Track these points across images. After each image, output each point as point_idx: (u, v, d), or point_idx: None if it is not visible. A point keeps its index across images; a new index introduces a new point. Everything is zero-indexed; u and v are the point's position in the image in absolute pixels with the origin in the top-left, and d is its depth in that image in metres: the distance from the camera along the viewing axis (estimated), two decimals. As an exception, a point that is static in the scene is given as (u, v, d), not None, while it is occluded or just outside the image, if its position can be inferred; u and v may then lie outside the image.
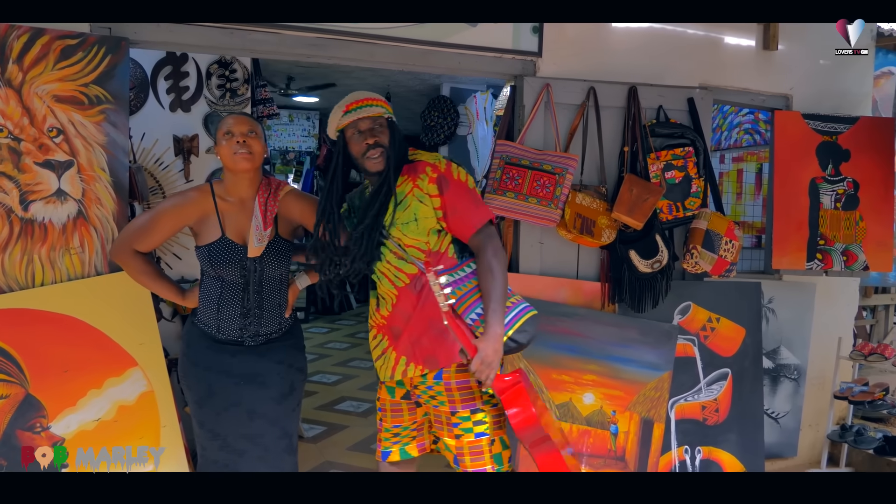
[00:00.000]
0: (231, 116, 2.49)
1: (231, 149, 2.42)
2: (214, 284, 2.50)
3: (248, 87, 4.41)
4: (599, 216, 3.35)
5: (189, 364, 2.54)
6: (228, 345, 2.51)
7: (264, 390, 2.51)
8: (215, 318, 2.50)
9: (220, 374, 2.49)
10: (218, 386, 2.49)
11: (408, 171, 2.45)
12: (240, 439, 2.50)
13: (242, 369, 2.50)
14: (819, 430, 4.31)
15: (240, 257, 2.46)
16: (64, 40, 2.71)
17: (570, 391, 3.33)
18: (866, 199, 4.00)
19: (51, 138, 2.70)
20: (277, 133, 9.90)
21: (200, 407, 2.53)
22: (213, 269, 2.46)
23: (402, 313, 2.40)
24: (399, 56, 3.33)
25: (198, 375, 2.51)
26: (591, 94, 3.48)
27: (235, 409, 2.49)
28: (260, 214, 2.47)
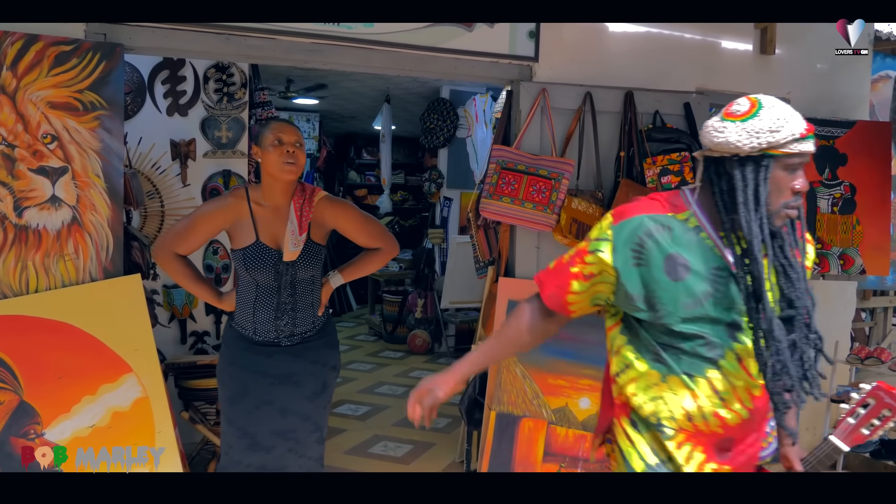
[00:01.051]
0: (280, 123, 2.54)
1: (280, 158, 2.46)
2: (250, 288, 2.55)
3: (246, 91, 4.41)
4: (595, 221, 3.34)
5: (226, 364, 2.58)
6: (265, 346, 2.56)
7: (298, 389, 2.58)
8: (251, 320, 2.55)
9: (255, 374, 2.54)
10: (252, 385, 2.53)
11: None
12: (269, 436, 2.55)
13: (278, 370, 2.55)
14: (816, 433, 4.30)
15: (273, 261, 2.50)
16: (58, 46, 2.71)
17: (567, 396, 3.33)
18: (863, 203, 4.00)
19: (45, 145, 2.70)
20: (277, 135, 9.89)
21: (232, 405, 2.56)
22: (248, 273, 2.51)
23: (753, 422, 1.69)
24: (396, 61, 3.33)
25: (233, 375, 2.56)
26: (588, 99, 3.48)
27: (268, 408, 2.54)
28: (296, 220, 2.52)
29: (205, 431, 3.91)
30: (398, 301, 7.81)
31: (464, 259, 6.11)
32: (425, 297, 7.57)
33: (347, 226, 2.67)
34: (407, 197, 10.80)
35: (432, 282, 7.66)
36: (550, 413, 3.32)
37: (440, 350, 7.38)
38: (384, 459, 4.35)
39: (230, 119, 4.36)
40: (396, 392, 5.84)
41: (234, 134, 4.38)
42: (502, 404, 3.29)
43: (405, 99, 8.28)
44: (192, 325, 4.34)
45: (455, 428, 4.87)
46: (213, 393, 3.87)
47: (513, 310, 2.16)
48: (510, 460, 3.28)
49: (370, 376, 6.34)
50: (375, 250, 2.74)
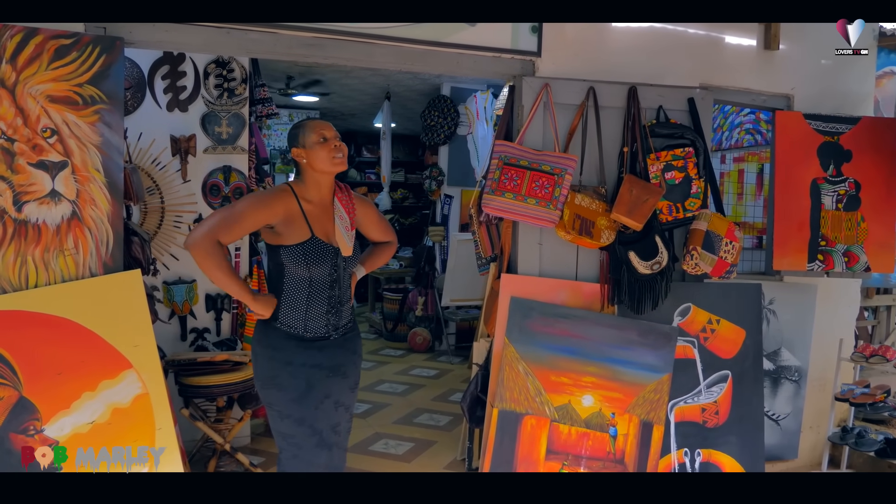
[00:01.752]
0: (317, 121, 2.60)
1: (330, 153, 2.54)
2: (301, 285, 2.55)
3: (246, 86, 4.39)
4: (599, 217, 3.32)
5: (282, 364, 2.54)
6: (315, 341, 2.58)
7: (345, 380, 2.67)
8: (303, 318, 2.56)
9: (313, 369, 2.56)
10: (314, 380, 2.56)
11: None
12: (330, 432, 2.59)
13: (329, 362, 2.60)
14: (820, 432, 4.28)
15: (330, 256, 2.56)
16: (58, 40, 2.68)
17: (570, 393, 3.31)
18: (868, 200, 3.97)
19: (44, 139, 2.68)
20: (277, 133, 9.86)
21: (299, 403, 2.54)
22: (307, 269, 2.52)
23: None
24: (398, 56, 3.31)
25: (293, 373, 2.54)
26: (591, 94, 3.45)
27: (327, 401, 2.59)
28: (346, 216, 2.63)
29: (205, 429, 3.89)
30: (398, 299, 7.79)
31: (464, 257, 6.09)
32: (426, 295, 7.55)
33: (369, 221, 2.83)
34: (407, 195, 10.78)
35: (433, 280, 7.64)
36: (553, 410, 3.30)
37: (441, 348, 7.36)
38: (385, 457, 4.33)
39: (230, 115, 4.33)
40: (397, 390, 5.82)
41: (235, 130, 4.36)
42: (504, 402, 3.26)
43: (405, 96, 8.25)
44: (193, 321, 4.32)
45: (456, 426, 4.85)
46: (213, 390, 3.85)
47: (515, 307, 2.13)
48: (512, 458, 3.26)
49: (371, 374, 6.32)
50: (386, 243, 2.95)
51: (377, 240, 2.94)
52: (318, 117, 2.98)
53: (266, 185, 4.76)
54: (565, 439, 3.31)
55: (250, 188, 4.44)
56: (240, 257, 4.43)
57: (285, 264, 2.54)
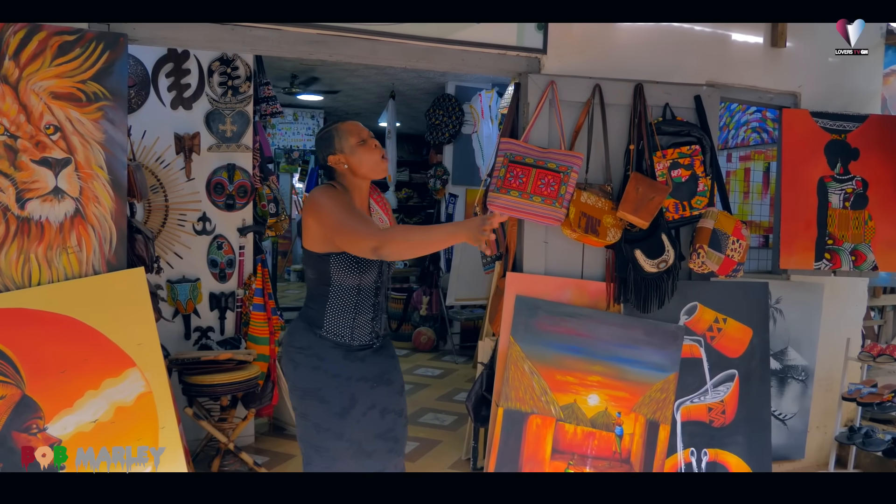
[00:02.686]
0: (350, 123, 2.48)
1: (375, 155, 2.44)
2: (348, 293, 2.43)
3: (251, 84, 4.38)
4: (605, 215, 3.30)
5: (328, 377, 2.42)
6: (360, 350, 2.48)
7: (391, 387, 2.56)
8: (350, 325, 2.45)
9: (359, 382, 2.46)
10: (359, 394, 2.46)
11: None
12: (373, 440, 2.50)
13: (373, 372, 2.50)
14: (827, 431, 4.26)
15: (377, 262, 2.44)
16: (61, 36, 2.67)
17: (575, 392, 3.29)
18: (875, 199, 3.94)
19: (48, 136, 2.67)
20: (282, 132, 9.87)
21: (342, 418, 2.42)
22: (359, 277, 2.41)
23: None
24: (402, 53, 3.29)
25: (340, 387, 2.43)
26: (597, 92, 3.43)
27: (372, 412, 2.49)
28: (385, 217, 2.57)
29: (209, 428, 3.89)
30: (403, 298, 7.78)
31: (469, 256, 6.08)
32: (430, 295, 7.54)
33: (390, 219, 2.71)
34: (412, 194, 10.77)
35: (437, 279, 7.62)
36: (559, 410, 3.28)
37: (445, 348, 7.35)
38: (389, 456, 4.31)
39: (235, 113, 4.32)
40: (401, 389, 5.81)
41: (239, 128, 4.35)
42: (510, 401, 3.24)
43: (410, 95, 8.25)
44: (197, 320, 4.31)
45: (461, 425, 4.83)
46: (217, 389, 3.85)
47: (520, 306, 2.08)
48: (518, 458, 3.24)
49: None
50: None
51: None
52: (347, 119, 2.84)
53: (270, 184, 4.75)
54: (571, 439, 3.28)
55: (254, 187, 4.43)
56: (244, 256, 4.42)
57: (333, 273, 2.40)
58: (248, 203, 4.40)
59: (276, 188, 4.90)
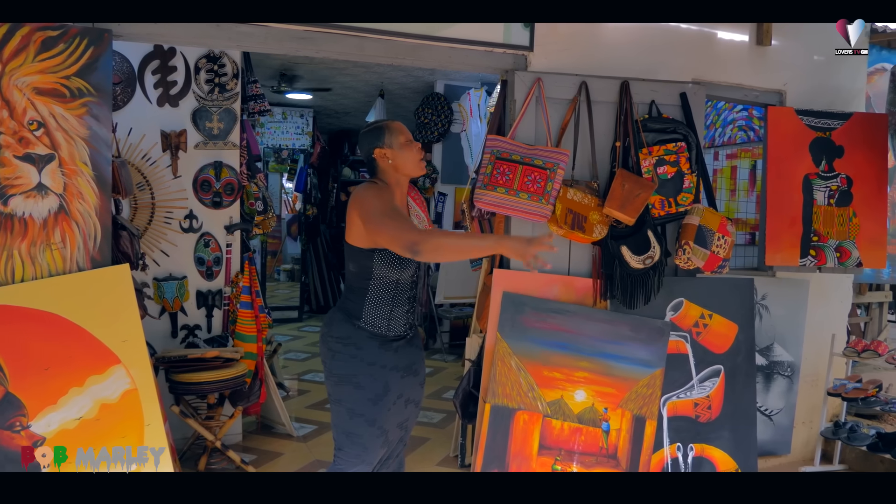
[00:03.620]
0: (398, 123, 2.62)
1: (418, 155, 2.58)
2: (387, 287, 2.54)
3: (238, 81, 4.36)
4: (591, 211, 3.31)
5: (364, 364, 2.53)
6: (395, 341, 2.59)
7: (416, 377, 2.70)
8: (387, 317, 2.55)
9: (392, 371, 2.57)
10: (392, 382, 2.57)
11: None
12: (395, 429, 2.61)
13: (405, 362, 2.62)
14: (812, 427, 4.28)
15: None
16: (45, 31, 2.66)
17: (562, 388, 3.30)
18: (860, 196, 3.97)
19: (31, 131, 2.65)
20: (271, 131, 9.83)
21: (375, 404, 2.53)
22: (398, 272, 2.51)
23: None
24: (389, 50, 3.29)
25: (374, 374, 2.53)
26: (583, 89, 3.44)
27: (399, 401, 2.61)
28: (423, 213, 2.66)
29: (196, 426, 3.87)
30: (392, 297, 7.76)
31: (458, 254, 6.06)
32: (419, 293, 7.52)
33: (426, 217, 2.81)
34: (401, 193, 10.75)
35: (426, 277, 7.61)
36: (545, 406, 3.28)
37: (434, 346, 7.34)
38: (378, 454, 4.31)
39: (222, 110, 4.31)
40: (390, 387, 5.80)
41: (226, 125, 4.33)
42: (497, 397, 3.25)
43: (399, 94, 8.23)
44: (184, 318, 4.29)
45: (449, 423, 4.84)
46: (204, 387, 3.83)
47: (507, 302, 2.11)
48: (505, 454, 3.25)
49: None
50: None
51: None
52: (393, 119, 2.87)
53: (258, 182, 4.74)
54: (558, 434, 3.29)
55: (242, 184, 4.41)
56: (231, 253, 4.40)
57: (375, 268, 2.49)
58: (235, 201, 4.38)
59: (264, 186, 4.89)
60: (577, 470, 3.29)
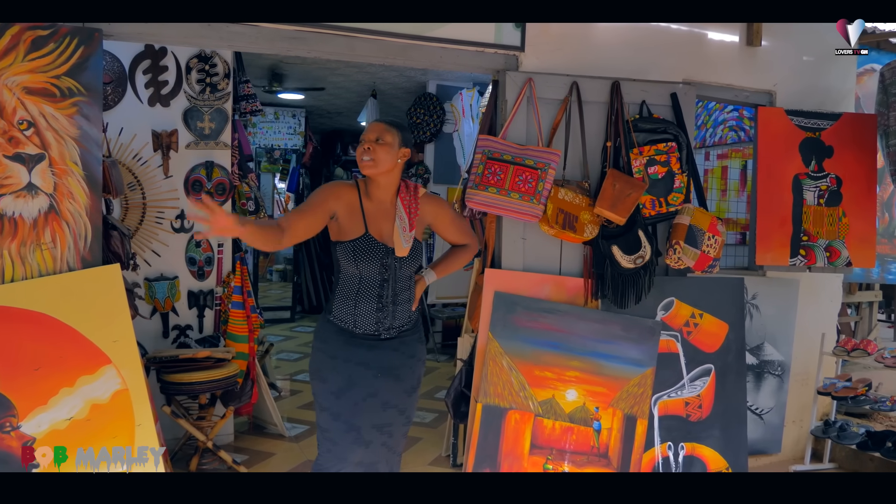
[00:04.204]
0: (372, 122, 2.66)
1: (359, 154, 2.58)
2: (352, 280, 2.56)
3: (229, 81, 4.35)
4: (582, 211, 3.32)
5: (327, 357, 2.58)
6: (365, 339, 2.58)
7: (399, 383, 2.63)
8: (352, 313, 2.56)
9: (358, 366, 2.55)
10: (357, 377, 2.55)
11: None
12: (371, 430, 2.58)
13: (380, 362, 2.58)
14: (803, 425, 4.31)
15: (381, 254, 2.55)
16: (35, 31, 2.65)
17: (553, 388, 3.31)
18: (849, 196, 4.00)
19: (21, 131, 2.64)
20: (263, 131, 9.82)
21: (338, 398, 2.54)
22: (355, 265, 2.53)
23: None
24: (380, 50, 3.29)
25: (337, 367, 2.55)
26: (574, 89, 3.45)
27: (372, 400, 2.57)
28: (406, 216, 2.61)
29: (187, 426, 3.86)
30: (384, 297, 7.75)
31: (450, 254, 6.07)
32: (412, 293, 7.52)
33: (443, 223, 2.80)
34: (393, 193, 10.75)
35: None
36: (537, 405, 3.29)
37: (427, 346, 7.34)
38: (370, 454, 4.31)
39: (213, 110, 4.30)
40: (382, 387, 5.80)
41: (217, 125, 4.32)
42: (488, 397, 3.26)
43: (391, 94, 8.23)
44: (175, 318, 4.28)
45: (441, 422, 4.84)
46: (195, 387, 3.82)
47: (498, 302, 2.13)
48: (496, 453, 3.25)
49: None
50: (463, 247, 2.89)
51: (452, 242, 2.90)
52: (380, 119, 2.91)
53: (249, 182, 4.73)
54: (549, 434, 3.30)
55: (233, 184, 4.41)
56: (222, 253, 4.40)
57: (339, 259, 2.56)
58: (226, 201, 4.37)
59: (256, 186, 4.88)
60: (568, 469, 3.30)
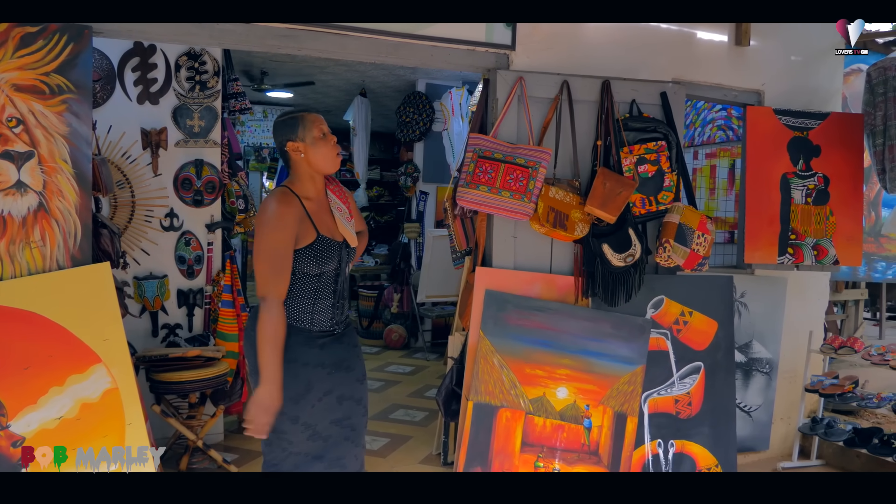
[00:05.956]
0: (315, 115, 2.52)
1: (331, 150, 2.50)
2: (310, 282, 2.50)
3: (219, 79, 4.34)
4: (573, 210, 3.33)
5: (285, 362, 2.45)
6: (319, 336, 2.54)
7: (349, 373, 2.60)
8: (310, 312, 2.51)
9: (315, 368, 2.51)
10: (315, 379, 2.51)
11: None
12: (329, 426, 2.54)
13: (332, 358, 2.55)
14: (790, 422, 4.34)
15: (336, 250, 2.52)
16: (24, 28, 2.64)
17: (544, 385, 3.32)
18: (836, 194, 4.03)
19: (10, 128, 2.63)
20: (251, 129, 9.79)
21: (297, 403, 2.48)
22: (318, 267, 2.47)
23: None
24: (371, 48, 3.29)
25: (296, 372, 2.48)
26: (565, 88, 3.46)
27: (328, 398, 2.54)
28: (343, 206, 2.61)
29: (177, 425, 3.85)
30: (374, 296, 7.76)
31: (440, 253, 6.08)
32: (401, 292, 7.53)
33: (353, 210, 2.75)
34: (382, 192, 10.75)
35: (408, 276, 7.62)
36: (528, 403, 3.30)
37: (416, 345, 7.35)
38: (360, 453, 4.31)
39: (202, 108, 4.28)
40: (373, 386, 5.79)
41: (207, 123, 4.31)
42: (479, 394, 3.26)
43: (381, 92, 8.23)
44: (164, 317, 4.26)
45: (432, 421, 4.84)
46: (185, 386, 3.81)
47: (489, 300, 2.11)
48: (487, 451, 3.26)
49: (346, 371, 6.28)
50: (361, 233, 2.86)
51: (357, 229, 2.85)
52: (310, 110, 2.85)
53: (239, 180, 4.72)
54: (540, 431, 3.31)
55: (223, 182, 4.39)
56: (212, 252, 4.38)
57: (296, 263, 2.45)
58: (216, 199, 4.36)
59: (245, 184, 4.86)
60: (559, 466, 3.32)
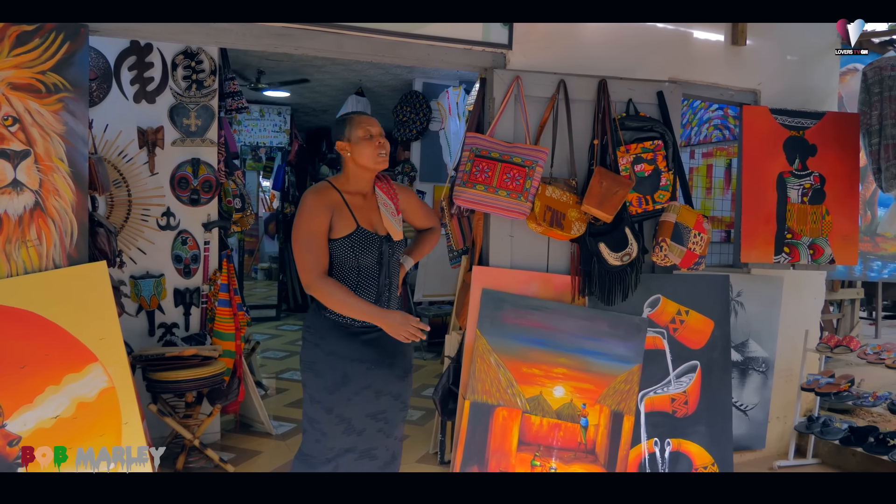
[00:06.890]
0: (364, 116, 2.68)
1: (375, 150, 2.63)
2: (350, 275, 2.60)
3: (215, 78, 4.33)
4: (569, 209, 3.34)
5: (324, 354, 2.61)
6: (362, 332, 2.62)
7: (391, 370, 2.69)
8: None
9: (354, 362, 2.60)
10: (353, 373, 2.60)
11: None
12: (364, 419, 2.63)
13: (373, 355, 2.64)
14: (787, 421, 4.35)
15: (377, 244, 2.63)
16: (20, 26, 2.62)
17: (541, 384, 3.32)
18: (832, 194, 4.04)
19: (6, 127, 2.62)
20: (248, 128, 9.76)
21: (332, 393, 2.58)
22: (355, 258, 2.58)
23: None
24: (368, 47, 3.29)
25: (333, 364, 2.59)
26: (562, 87, 3.46)
27: (366, 392, 2.62)
28: (390, 201, 2.72)
29: (174, 424, 3.85)
30: (371, 295, 7.75)
31: (437, 252, 6.08)
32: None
33: (413, 208, 2.91)
34: (379, 191, 10.74)
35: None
36: (525, 402, 3.30)
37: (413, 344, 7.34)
38: (357, 452, 4.30)
39: (199, 107, 4.28)
40: (369, 385, 5.80)
41: (204, 122, 4.30)
42: (476, 393, 3.27)
43: (378, 91, 8.22)
44: (161, 316, 4.26)
45: (429, 420, 4.85)
46: (182, 385, 3.81)
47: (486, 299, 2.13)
48: (484, 450, 3.26)
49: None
50: (430, 230, 3.01)
51: (421, 226, 2.99)
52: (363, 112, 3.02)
53: (236, 179, 4.71)
54: (537, 430, 3.32)
55: (219, 182, 4.39)
56: (209, 251, 4.38)
57: (333, 255, 2.59)
58: (213, 198, 4.36)
59: (242, 183, 4.86)
60: (555, 465, 3.32)
